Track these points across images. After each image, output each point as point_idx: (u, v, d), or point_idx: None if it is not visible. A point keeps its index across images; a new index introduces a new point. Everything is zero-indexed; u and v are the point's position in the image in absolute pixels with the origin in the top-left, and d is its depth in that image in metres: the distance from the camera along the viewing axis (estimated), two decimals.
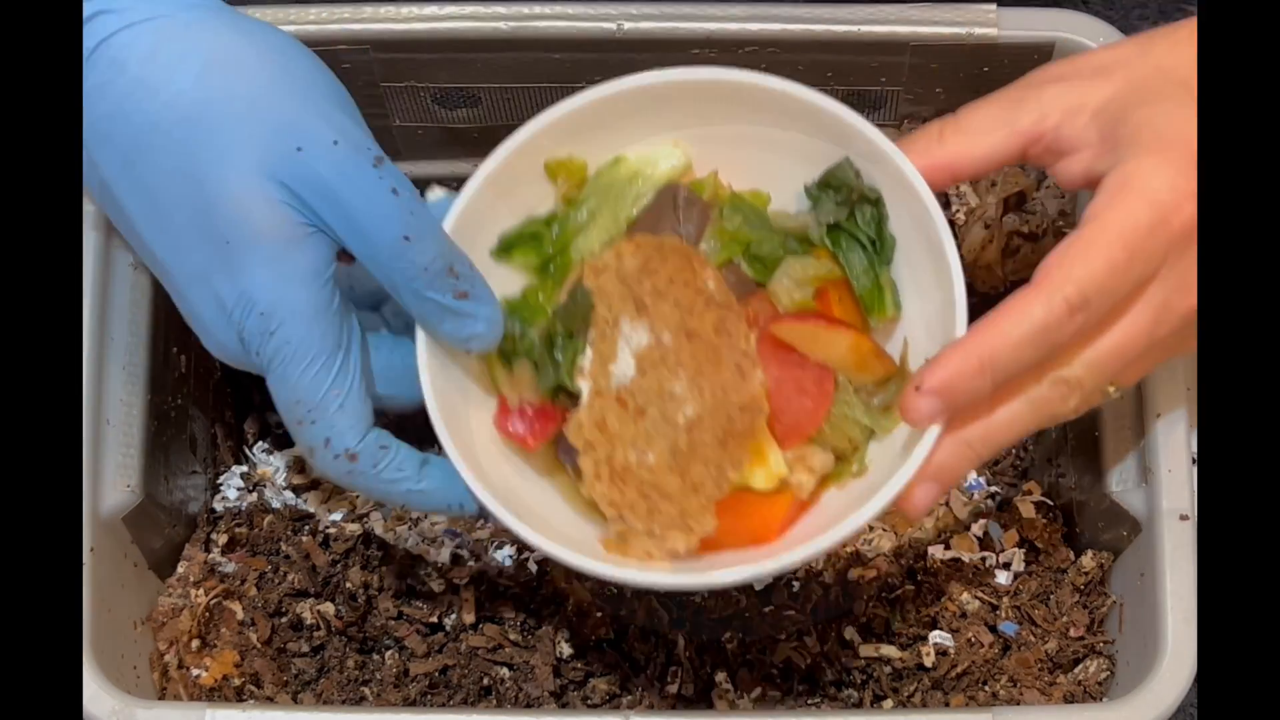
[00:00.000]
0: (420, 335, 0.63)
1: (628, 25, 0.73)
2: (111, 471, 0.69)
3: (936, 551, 0.75)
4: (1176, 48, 0.61)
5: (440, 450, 0.62)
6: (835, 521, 0.59)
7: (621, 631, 0.73)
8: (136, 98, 0.58)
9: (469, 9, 0.73)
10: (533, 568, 0.75)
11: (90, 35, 0.58)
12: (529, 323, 0.65)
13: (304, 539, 0.76)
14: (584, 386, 0.63)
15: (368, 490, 0.62)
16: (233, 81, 0.58)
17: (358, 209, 0.58)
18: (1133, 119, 0.59)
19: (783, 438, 0.63)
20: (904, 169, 0.62)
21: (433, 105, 0.78)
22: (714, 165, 0.67)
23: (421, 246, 0.58)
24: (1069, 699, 0.70)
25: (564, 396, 0.65)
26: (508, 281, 0.67)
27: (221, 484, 0.80)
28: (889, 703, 0.71)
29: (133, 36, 0.58)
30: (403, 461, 0.61)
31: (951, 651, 0.72)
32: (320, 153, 0.58)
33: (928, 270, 0.63)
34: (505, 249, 0.67)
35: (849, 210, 0.64)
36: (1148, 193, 0.58)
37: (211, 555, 0.76)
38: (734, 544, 0.62)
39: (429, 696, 0.72)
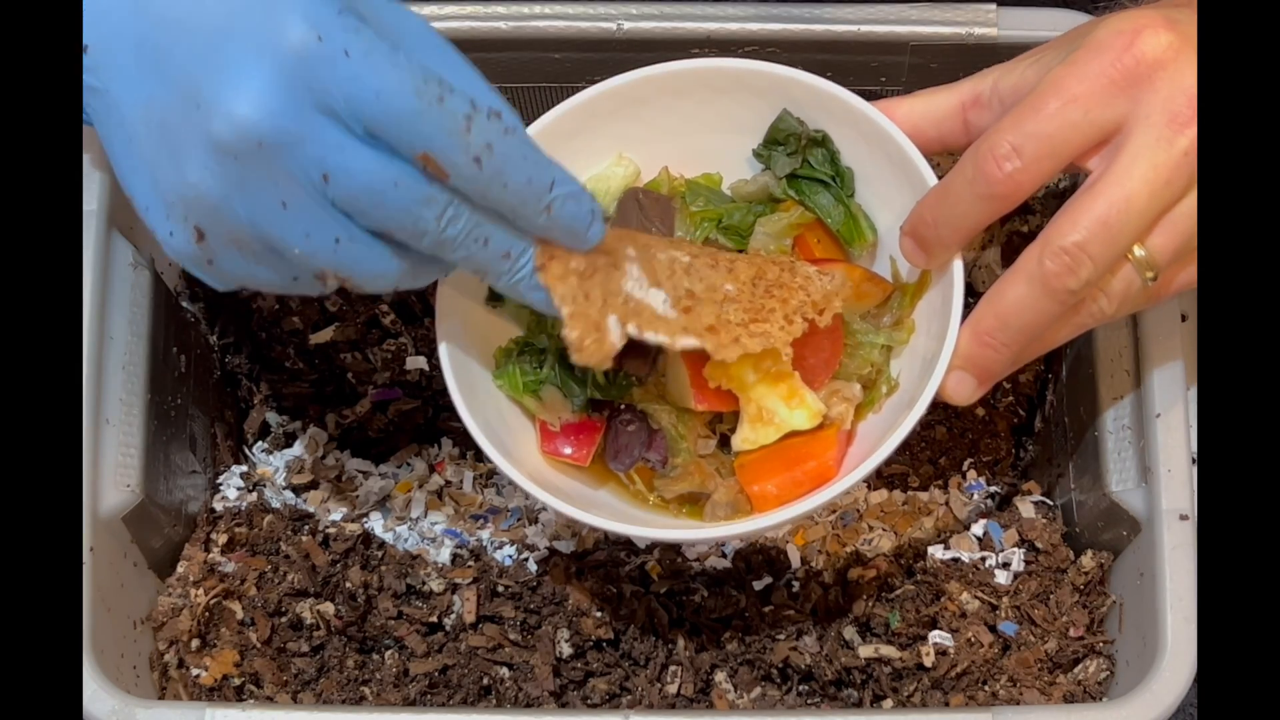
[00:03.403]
0: (455, 385, 0.64)
1: (628, 25, 0.73)
2: (111, 471, 0.69)
3: (936, 551, 0.75)
4: None
5: None
6: (886, 435, 0.61)
7: (621, 631, 0.73)
8: None
9: (469, 9, 0.73)
10: (533, 568, 0.75)
11: None
12: (537, 359, 0.67)
13: (304, 539, 0.76)
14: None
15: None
16: None
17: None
18: (1073, 33, 0.61)
19: (811, 380, 0.65)
20: (842, 96, 0.66)
21: None
22: (662, 163, 0.70)
23: (453, 100, 0.53)
24: (1069, 699, 0.70)
25: (595, 409, 0.68)
26: (502, 330, 0.68)
27: (221, 484, 0.80)
28: (889, 703, 0.71)
29: None
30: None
31: (951, 651, 0.71)
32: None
33: (891, 181, 0.66)
34: (495, 297, 0.68)
35: (801, 157, 0.68)
36: (1092, 41, 0.58)
37: (211, 555, 0.76)
38: (800, 493, 0.64)
39: (429, 696, 0.72)
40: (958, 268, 0.62)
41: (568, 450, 0.67)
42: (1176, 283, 0.61)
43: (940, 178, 0.62)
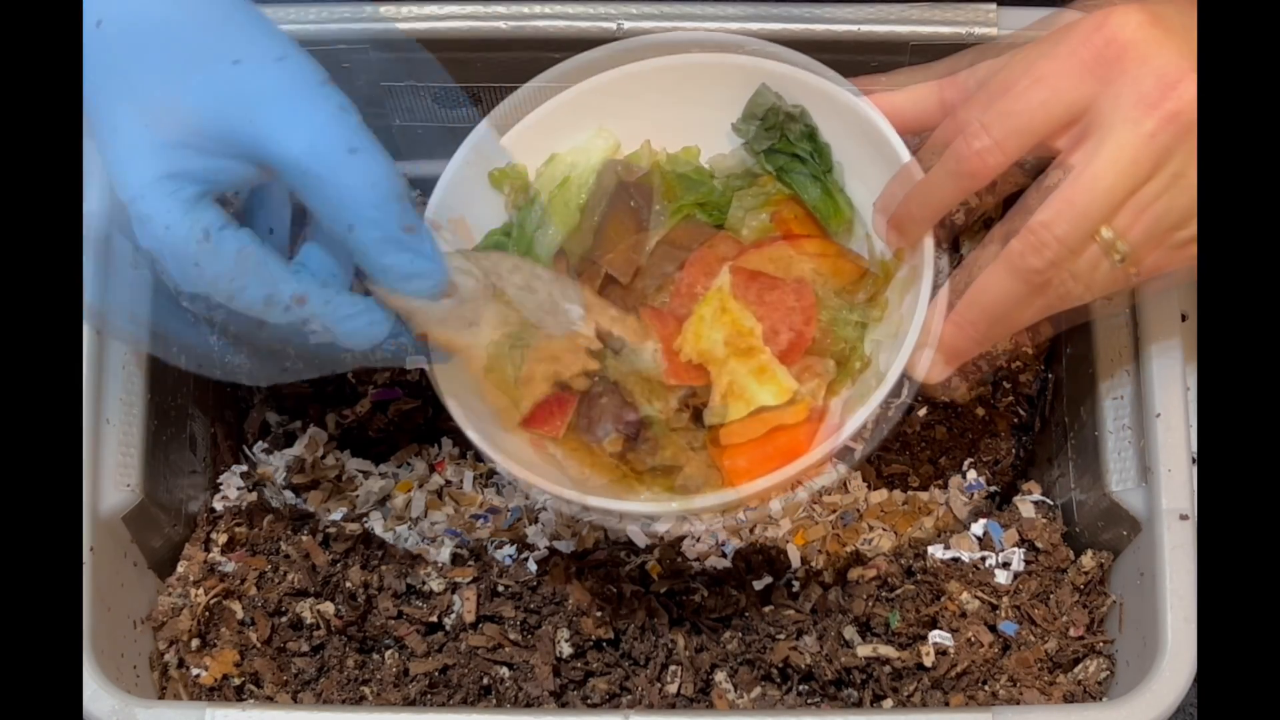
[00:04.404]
0: (437, 376, 0.64)
1: (628, 25, 0.73)
2: (111, 471, 0.69)
3: (936, 551, 0.75)
4: None
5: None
6: (857, 410, 0.62)
7: (621, 631, 0.73)
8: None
9: (469, 9, 0.73)
10: (533, 567, 0.75)
11: None
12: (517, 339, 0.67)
13: (304, 539, 0.76)
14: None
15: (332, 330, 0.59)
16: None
17: (299, 119, 0.54)
18: (1055, 24, 0.61)
19: (786, 355, 0.65)
20: (819, 84, 0.66)
21: (433, 105, 0.78)
22: (643, 136, 0.71)
23: (369, 162, 0.55)
24: (1069, 699, 0.70)
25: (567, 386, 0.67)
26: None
27: (221, 483, 0.80)
28: (889, 702, 0.71)
29: None
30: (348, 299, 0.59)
31: (951, 651, 0.71)
32: (259, 66, 0.55)
33: (867, 158, 0.66)
34: None
35: (780, 133, 0.68)
36: (1065, 24, 0.58)
37: (211, 555, 0.76)
38: (772, 466, 0.63)
39: (429, 696, 0.72)
40: (928, 245, 0.63)
41: (543, 422, 0.67)
42: (1150, 266, 0.60)
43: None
